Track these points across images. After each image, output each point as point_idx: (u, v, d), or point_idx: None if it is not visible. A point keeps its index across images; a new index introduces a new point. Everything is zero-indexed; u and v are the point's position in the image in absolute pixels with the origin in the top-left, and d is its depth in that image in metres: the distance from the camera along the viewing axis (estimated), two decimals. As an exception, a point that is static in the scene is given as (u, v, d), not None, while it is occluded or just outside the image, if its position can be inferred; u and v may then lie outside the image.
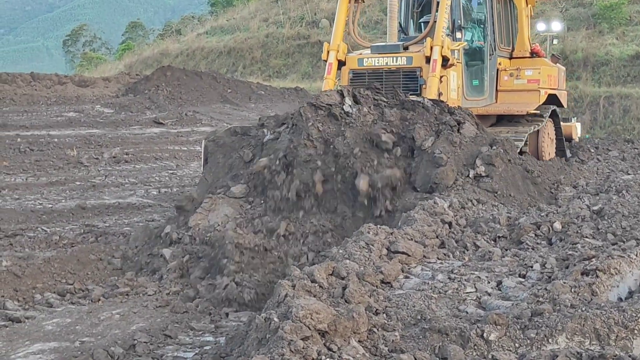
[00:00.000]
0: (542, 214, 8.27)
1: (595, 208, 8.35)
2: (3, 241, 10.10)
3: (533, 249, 7.16)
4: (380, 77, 11.74)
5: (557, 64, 14.90)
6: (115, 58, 65.02)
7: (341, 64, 12.27)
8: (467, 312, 5.30)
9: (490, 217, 8.06)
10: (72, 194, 14.27)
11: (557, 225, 7.65)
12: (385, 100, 9.92)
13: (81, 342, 6.78)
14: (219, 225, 9.13)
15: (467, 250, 7.16)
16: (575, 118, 17.94)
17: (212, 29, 55.38)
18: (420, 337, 4.83)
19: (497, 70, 13.75)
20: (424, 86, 11.34)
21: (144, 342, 6.70)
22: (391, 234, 7.11)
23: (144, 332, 6.90)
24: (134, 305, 7.85)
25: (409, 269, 6.46)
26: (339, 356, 4.42)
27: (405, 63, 11.77)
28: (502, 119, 13.21)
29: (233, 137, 10.62)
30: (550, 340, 4.67)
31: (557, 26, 47.14)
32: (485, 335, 4.68)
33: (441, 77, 11.45)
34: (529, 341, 4.68)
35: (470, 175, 9.16)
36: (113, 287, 8.42)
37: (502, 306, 5.32)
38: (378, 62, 11.96)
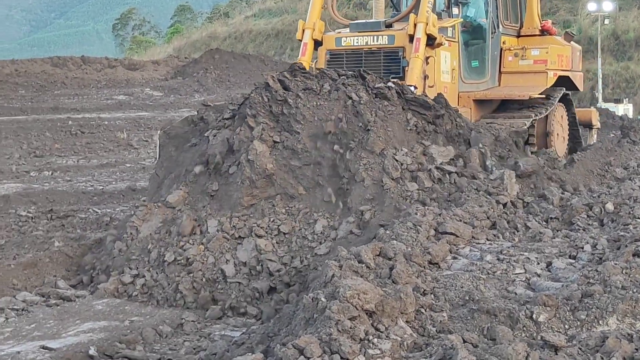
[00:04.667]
0: (594, 195, 8.16)
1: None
2: (55, 222, 10.24)
3: (584, 230, 7.06)
4: (360, 59, 10.61)
5: (571, 43, 13.41)
6: (164, 41, 65.51)
7: (318, 44, 11.03)
8: (516, 293, 5.25)
9: (543, 198, 7.98)
10: (122, 176, 14.43)
11: (610, 207, 7.54)
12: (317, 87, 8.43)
13: (130, 321, 6.87)
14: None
15: (518, 231, 7.09)
16: (627, 99, 16.86)
17: (259, 12, 55.56)
18: (469, 318, 4.79)
19: (501, 49, 12.39)
20: (407, 68, 10.09)
21: (192, 321, 6.77)
22: (439, 214, 7.06)
23: (191, 312, 6.99)
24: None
25: (457, 249, 6.42)
26: (387, 336, 4.40)
27: (386, 42, 10.55)
28: (506, 104, 11.90)
29: (187, 127, 9.27)
30: (600, 321, 4.61)
31: (608, 6, 46.49)
32: (534, 316, 4.63)
33: (427, 58, 10.24)
34: (578, 323, 4.62)
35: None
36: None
37: (551, 287, 5.27)
38: (357, 42, 10.73)
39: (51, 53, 38.76)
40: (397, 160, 7.92)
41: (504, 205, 7.69)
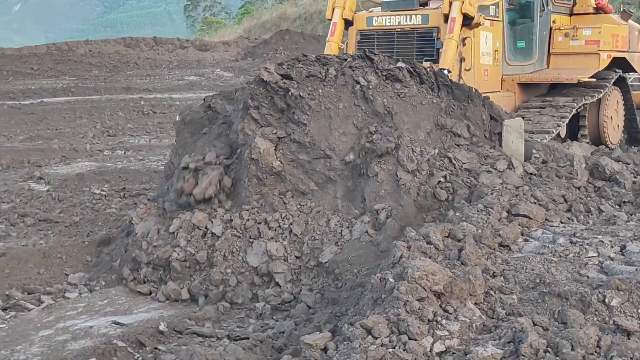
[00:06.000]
0: (669, 178, 7.97)
1: None
2: (128, 200, 10.41)
3: (659, 213, 6.91)
4: (392, 40, 10.05)
5: (629, 22, 12.51)
6: (234, 22, 65.83)
7: (348, 23, 10.51)
8: (588, 277, 5.15)
9: (615, 182, 7.82)
10: (192, 155, 14.56)
11: (685, 190, 7.36)
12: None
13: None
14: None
15: (591, 215, 6.96)
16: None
17: (330, -8, 55.34)
18: (539, 300, 4.73)
19: (550, 29, 11.60)
20: (441, 50, 9.47)
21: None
22: (516, 196, 6.97)
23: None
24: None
25: (529, 232, 6.33)
26: (455, 318, 4.38)
27: (420, 22, 9.88)
28: (555, 87, 11.23)
29: (203, 112, 8.62)
30: (675, 306, 4.51)
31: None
32: (607, 300, 4.54)
33: (464, 39, 9.59)
34: (652, 307, 4.53)
35: None
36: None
37: (625, 271, 5.16)
38: (389, 22, 10.07)
39: (124, 34, 39.47)
40: (413, 151, 7.16)
41: (578, 188, 7.56)
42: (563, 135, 10.78)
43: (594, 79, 10.95)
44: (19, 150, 14.14)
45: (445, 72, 8.70)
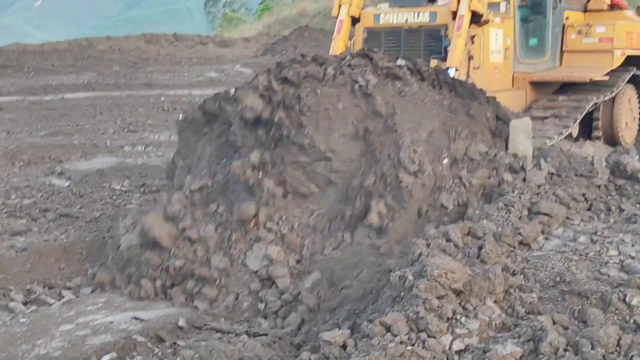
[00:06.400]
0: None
1: None
2: (147, 196, 10.45)
3: (681, 213, 6.86)
4: (399, 38, 9.66)
5: None
6: (254, 18, 65.86)
7: (355, 21, 10.04)
8: (609, 275, 5.13)
9: (636, 181, 7.77)
10: (212, 152, 14.59)
11: None
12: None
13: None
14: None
15: (612, 213, 6.92)
16: None
17: (350, -11, 55.25)
18: (559, 299, 4.72)
19: (564, 26, 11.18)
20: (449, 48, 9.08)
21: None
22: (537, 194, 6.94)
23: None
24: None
25: (549, 230, 6.30)
26: (475, 316, 4.37)
27: (428, 20, 9.52)
28: (567, 86, 10.78)
29: (204, 112, 8.35)
30: (696, 306, 4.48)
31: None
32: (627, 299, 4.53)
33: (473, 36, 9.28)
34: (674, 307, 4.50)
35: None
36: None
37: (646, 270, 5.14)
38: (397, 19, 9.69)
39: (144, 30, 39.54)
40: (415, 152, 6.92)
41: (598, 187, 7.51)
42: (575, 135, 10.55)
43: (607, 78, 10.63)
44: (40, 146, 14.20)
45: (453, 70, 8.60)
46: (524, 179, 7.19)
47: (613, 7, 11.88)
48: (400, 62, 7.40)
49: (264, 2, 71.31)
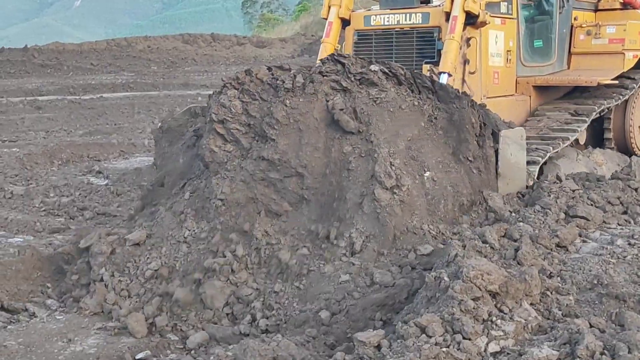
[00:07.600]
0: None
1: None
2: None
3: None
4: (390, 41, 9.09)
5: None
6: (291, 19, 65.99)
7: (345, 23, 9.46)
8: (647, 279, 5.09)
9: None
10: (248, 152, 14.64)
11: None
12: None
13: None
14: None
15: (648, 217, 6.86)
16: None
17: (387, -11, 55.10)
18: (596, 302, 4.68)
19: (571, 27, 10.43)
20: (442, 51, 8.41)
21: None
22: (572, 198, 6.89)
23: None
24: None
25: (586, 233, 6.26)
26: (511, 318, 4.34)
27: (420, 21, 8.89)
28: (576, 89, 10.09)
29: (182, 120, 8.10)
30: None
31: None
32: (666, 303, 4.49)
33: (469, 39, 8.62)
34: None
35: None
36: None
37: (685, 274, 5.08)
38: (388, 21, 9.11)
39: (182, 30, 39.86)
40: (392, 165, 6.31)
41: (635, 190, 7.42)
42: (582, 141, 9.80)
43: (616, 82, 9.88)
44: (79, 145, 14.36)
45: (446, 76, 8.11)
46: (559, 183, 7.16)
47: (626, 5, 11.08)
48: (374, 67, 6.86)
49: (301, 3, 71.43)
